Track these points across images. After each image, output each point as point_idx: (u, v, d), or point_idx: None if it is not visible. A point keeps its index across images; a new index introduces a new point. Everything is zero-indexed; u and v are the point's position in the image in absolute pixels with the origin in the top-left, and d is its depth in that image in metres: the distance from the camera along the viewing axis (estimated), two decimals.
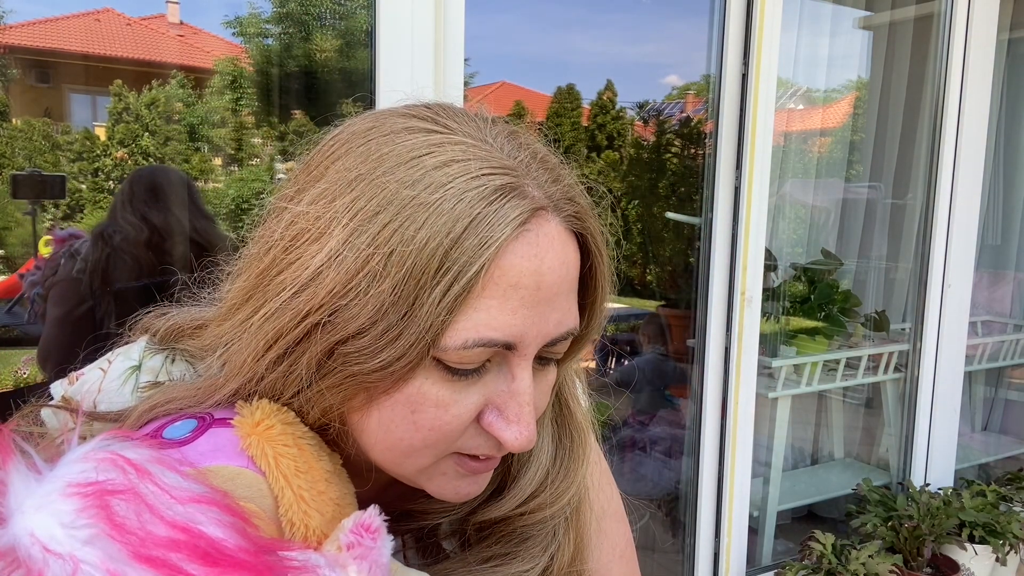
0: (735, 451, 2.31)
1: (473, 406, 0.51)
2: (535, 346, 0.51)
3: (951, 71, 2.70)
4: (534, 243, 0.49)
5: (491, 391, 0.51)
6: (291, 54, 3.74)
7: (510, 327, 0.48)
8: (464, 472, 0.54)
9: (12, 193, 2.40)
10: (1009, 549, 2.51)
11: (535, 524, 0.61)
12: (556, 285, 0.50)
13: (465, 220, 0.46)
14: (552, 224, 0.50)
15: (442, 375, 0.49)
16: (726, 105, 2.20)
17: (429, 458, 0.52)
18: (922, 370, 2.83)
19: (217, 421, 0.50)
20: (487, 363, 0.50)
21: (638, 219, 5.22)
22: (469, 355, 0.48)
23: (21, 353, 2.77)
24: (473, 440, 0.52)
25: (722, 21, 2.19)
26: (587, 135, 8.28)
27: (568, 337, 0.53)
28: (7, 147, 3.05)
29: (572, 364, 0.61)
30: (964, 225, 2.80)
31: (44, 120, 3.23)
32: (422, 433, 0.50)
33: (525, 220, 0.48)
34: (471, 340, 0.48)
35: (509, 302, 0.48)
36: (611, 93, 8.26)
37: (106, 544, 0.36)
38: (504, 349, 0.49)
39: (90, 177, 3.41)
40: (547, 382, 0.56)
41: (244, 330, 0.51)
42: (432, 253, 0.45)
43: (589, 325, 0.57)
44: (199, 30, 3.43)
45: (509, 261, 0.48)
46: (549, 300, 0.50)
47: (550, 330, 0.51)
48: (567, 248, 0.51)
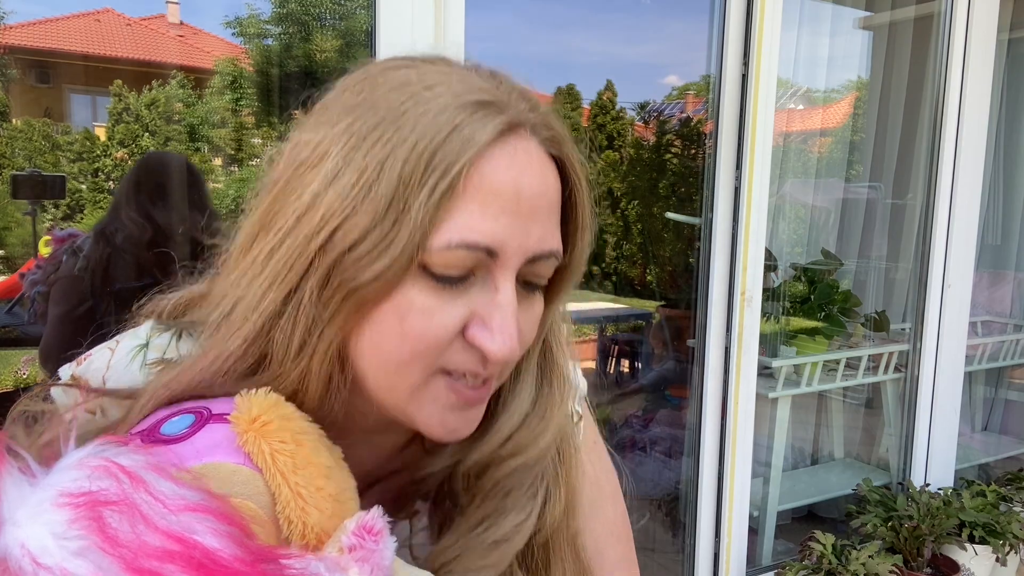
0: (735, 451, 2.32)
1: (458, 317, 0.53)
2: (517, 258, 0.53)
3: (951, 71, 2.70)
4: (512, 155, 0.52)
5: (476, 304, 0.53)
6: (291, 54, 3.74)
7: (491, 232, 0.51)
8: (454, 400, 0.55)
9: (12, 193, 2.40)
10: (1009, 549, 2.51)
11: (517, 472, 0.61)
12: (536, 199, 0.53)
13: (448, 127, 0.50)
14: (531, 143, 0.54)
15: (429, 284, 0.52)
16: (726, 105, 2.20)
17: (418, 373, 0.54)
18: (922, 370, 2.83)
19: (214, 416, 0.50)
20: (472, 276, 0.53)
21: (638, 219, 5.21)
22: (453, 257, 0.51)
23: (21, 353, 2.77)
24: (459, 355, 0.54)
25: (722, 21, 2.19)
26: (587, 135, 8.28)
27: (550, 259, 0.55)
28: (7, 147, 3.06)
29: (560, 307, 0.63)
30: (964, 225, 2.80)
31: (44, 120, 3.23)
32: (410, 342, 0.52)
33: (504, 131, 0.52)
34: (455, 241, 0.50)
35: (490, 208, 0.51)
36: (611, 93, 8.27)
37: (97, 557, 0.35)
38: (487, 256, 0.52)
39: (90, 177, 3.41)
40: (534, 312, 0.58)
41: (249, 273, 0.54)
42: (419, 157, 0.50)
43: (572, 255, 0.59)
44: (199, 30, 3.43)
45: (489, 167, 0.51)
46: (530, 213, 0.53)
47: (531, 244, 0.53)
48: (545, 168, 0.55)
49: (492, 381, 0.57)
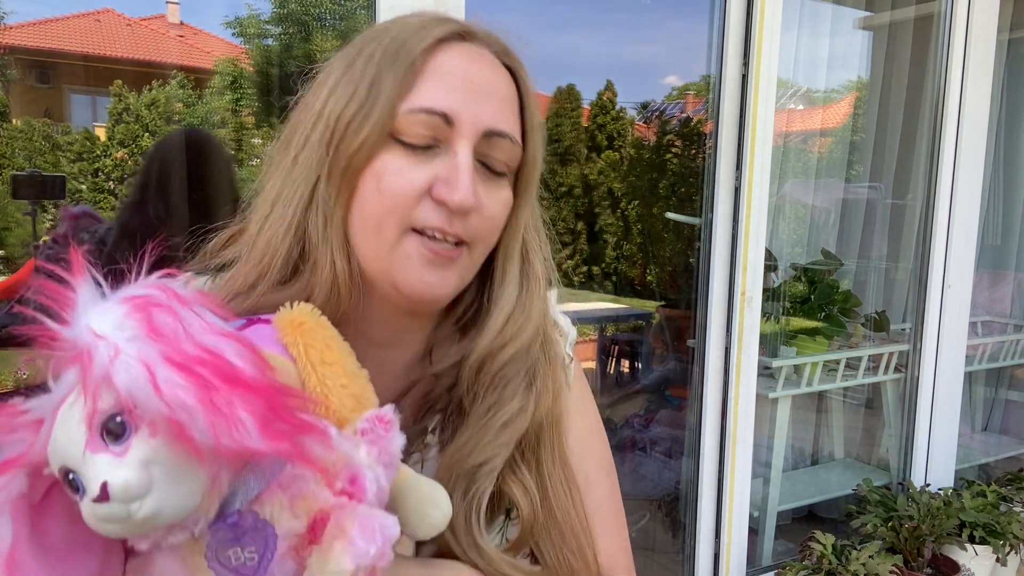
0: (735, 451, 2.31)
1: (424, 177, 0.64)
2: (471, 127, 0.65)
3: (951, 71, 2.70)
4: (465, 50, 0.67)
5: (439, 169, 0.65)
6: (291, 54, 3.74)
7: (446, 101, 0.64)
8: (426, 255, 0.65)
9: (12, 193, 2.40)
10: (1009, 549, 2.51)
11: (511, 362, 0.71)
12: (486, 85, 0.67)
13: (413, 30, 0.67)
14: (483, 49, 0.69)
15: (399, 151, 0.65)
16: (726, 105, 2.20)
17: (392, 230, 0.65)
18: (922, 370, 2.82)
19: (260, 320, 0.59)
20: (436, 147, 0.65)
21: (638, 219, 5.21)
22: (416, 120, 0.64)
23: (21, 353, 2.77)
24: (427, 213, 0.65)
25: (722, 21, 2.19)
26: (587, 135, 8.28)
27: (506, 140, 0.67)
28: (7, 147, 3.06)
29: (531, 206, 0.74)
30: (964, 225, 2.80)
31: (44, 120, 3.23)
32: (385, 199, 0.64)
33: (459, 34, 0.68)
34: (416, 107, 0.64)
35: (443, 83, 0.65)
36: (611, 93, 8.26)
37: (144, 344, 0.43)
38: (444, 123, 0.64)
39: (90, 177, 3.41)
40: (500, 197, 0.69)
41: (282, 179, 0.69)
42: (389, 48, 0.66)
43: (528, 150, 0.70)
44: (199, 30, 3.43)
45: (444, 55, 0.66)
46: (481, 93, 0.66)
47: (485, 119, 0.65)
48: (496, 67, 0.69)
49: (463, 249, 0.67)
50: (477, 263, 0.70)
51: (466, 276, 0.70)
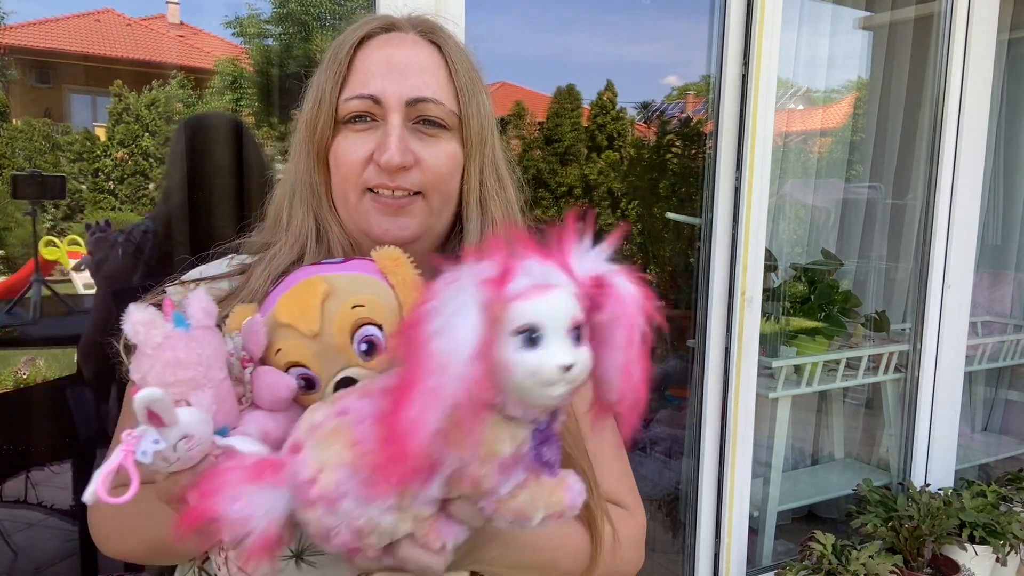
0: (735, 451, 2.31)
1: (366, 148, 0.80)
2: (397, 99, 0.79)
3: (951, 71, 2.70)
4: (385, 41, 0.83)
5: (378, 139, 0.79)
6: (291, 54, 3.74)
7: (371, 85, 0.80)
8: (380, 208, 0.80)
9: (12, 193, 2.40)
10: (1009, 550, 2.51)
11: None
12: (407, 61, 0.81)
13: (348, 33, 0.84)
14: (406, 34, 0.84)
15: (348, 132, 0.81)
16: (726, 105, 2.20)
17: (353, 193, 0.81)
18: (922, 370, 2.82)
19: (357, 257, 0.73)
20: (374, 123, 0.80)
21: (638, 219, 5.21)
22: (352, 106, 0.80)
23: (21, 353, 2.77)
24: (371, 175, 0.80)
25: (722, 21, 2.19)
26: (587, 135, 8.27)
27: (431, 102, 0.80)
28: (7, 147, 3.05)
29: (482, 155, 0.84)
30: (964, 225, 2.80)
31: (44, 120, 3.23)
32: (342, 170, 0.81)
33: (382, 28, 0.83)
34: (350, 95, 0.81)
35: (369, 72, 0.81)
36: (611, 93, 8.25)
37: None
38: (374, 103, 0.79)
39: (90, 177, 3.41)
40: (441, 150, 0.81)
41: (293, 167, 0.86)
42: (331, 53, 0.84)
43: (463, 107, 0.82)
44: (199, 30, 3.42)
45: (368, 50, 0.82)
46: (403, 70, 0.80)
47: (406, 91, 0.79)
48: (418, 45, 0.83)
49: (416, 199, 0.80)
50: (438, 209, 0.83)
51: (427, 221, 0.82)
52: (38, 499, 2.50)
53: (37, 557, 2.53)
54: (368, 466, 0.53)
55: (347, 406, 0.57)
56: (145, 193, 3.53)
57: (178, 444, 0.54)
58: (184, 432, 0.54)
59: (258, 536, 0.54)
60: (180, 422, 0.54)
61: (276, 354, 0.64)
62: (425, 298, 0.52)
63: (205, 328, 0.60)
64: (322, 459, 0.55)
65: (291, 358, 0.64)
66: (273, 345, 0.64)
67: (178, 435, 0.53)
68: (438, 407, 0.49)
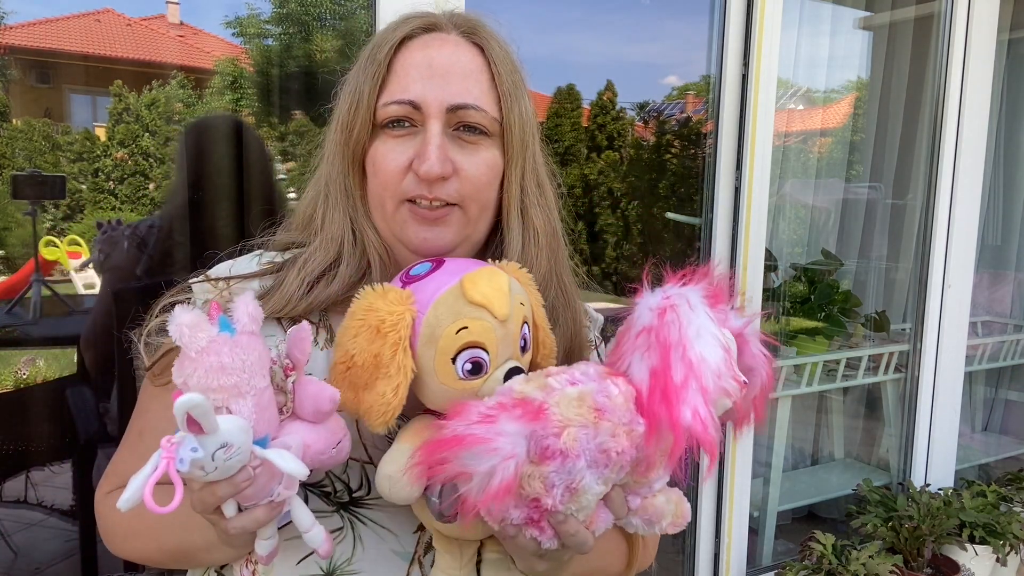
0: (735, 451, 2.31)
1: (405, 156, 0.77)
2: (437, 106, 0.76)
3: (951, 71, 2.70)
4: (426, 42, 0.79)
5: (417, 147, 0.76)
6: (291, 54, 3.74)
7: (411, 90, 0.76)
8: (418, 219, 0.78)
9: (12, 193, 2.40)
10: (1009, 549, 2.51)
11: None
12: (449, 66, 0.77)
13: (386, 33, 0.80)
14: (447, 35, 0.79)
15: (385, 137, 0.78)
16: (726, 105, 2.20)
17: (391, 203, 0.78)
18: (922, 370, 2.82)
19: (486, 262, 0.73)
20: (413, 129, 0.77)
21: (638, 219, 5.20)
22: (391, 111, 0.77)
23: (21, 353, 2.77)
24: (411, 185, 0.77)
25: (722, 21, 2.19)
26: (587, 135, 8.26)
27: (473, 109, 0.76)
28: (7, 147, 3.05)
29: (521, 163, 0.81)
30: (964, 225, 2.80)
31: (44, 120, 3.23)
32: (380, 178, 0.78)
33: (422, 29, 0.79)
34: (389, 100, 0.77)
35: (409, 76, 0.77)
36: (611, 93, 8.25)
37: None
38: (414, 109, 0.76)
39: (90, 177, 3.41)
40: (480, 156, 0.78)
41: (325, 166, 0.84)
42: (368, 54, 0.80)
43: (505, 114, 0.79)
44: (199, 30, 3.42)
45: (408, 51, 0.78)
46: (444, 75, 0.77)
47: (448, 96, 0.76)
48: (459, 48, 0.79)
49: (453, 209, 0.78)
50: (476, 219, 0.80)
51: (465, 231, 0.80)
52: (38, 499, 2.50)
53: (37, 557, 2.53)
54: (611, 433, 0.59)
55: (575, 378, 0.61)
56: (145, 193, 3.53)
57: (216, 453, 0.53)
58: (223, 441, 0.53)
59: (500, 480, 0.56)
60: (220, 430, 0.53)
61: (459, 332, 0.64)
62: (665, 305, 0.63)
63: (250, 334, 0.59)
64: (568, 417, 0.58)
65: (475, 339, 0.65)
66: (455, 323, 0.64)
67: (217, 444, 0.53)
68: (705, 402, 0.60)
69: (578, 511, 0.61)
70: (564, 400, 0.59)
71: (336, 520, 0.75)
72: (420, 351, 0.65)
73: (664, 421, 0.59)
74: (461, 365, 0.65)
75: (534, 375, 0.64)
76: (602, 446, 0.58)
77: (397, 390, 0.63)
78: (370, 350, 0.63)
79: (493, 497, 0.56)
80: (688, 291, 0.65)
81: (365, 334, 0.64)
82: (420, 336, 0.65)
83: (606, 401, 0.59)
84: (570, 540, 0.63)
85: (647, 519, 0.68)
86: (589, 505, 0.61)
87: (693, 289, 0.65)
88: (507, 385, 0.63)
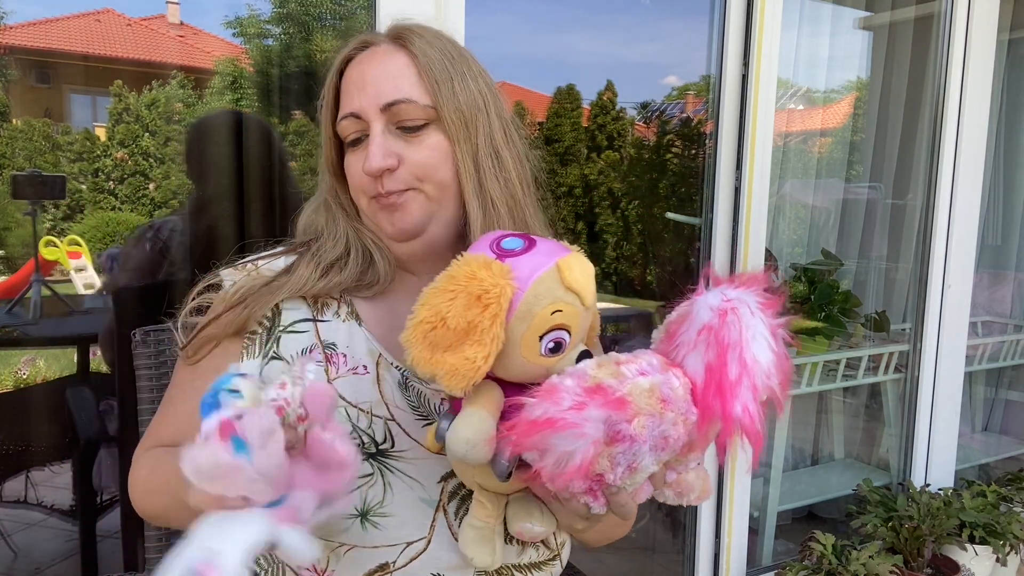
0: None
1: (361, 163, 0.87)
2: (373, 109, 0.85)
3: (951, 71, 2.70)
4: (360, 60, 0.89)
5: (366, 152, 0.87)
6: (291, 54, 3.74)
7: (352, 104, 0.87)
8: (380, 207, 0.88)
9: (12, 193, 2.40)
10: (1009, 550, 2.51)
11: None
12: (378, 73, 0.87)
13: (336, 57, 0.92)
14: (379, 47, 0.89)
15: (351, 149, 0.90)
16: (726, 105, 2.20)
17: (363, 200, 0.90)
18: (922, 370, 2.82)
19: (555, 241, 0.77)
20: (365, 139, 0.87)
21: (638, 219, 5.20)
22: (344, 126, 0.88)
23: (21, 353, 2.77)
24: (369, 184, 0.87)
25: (722, 21, 2.19)
26: (587, 135, 8.27)
27: (404, 103, 0.85)
28: (7, 147, 3.05)
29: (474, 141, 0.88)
30: (964, 225, 2.80)
31: (44, 120, 3.23)
32: (352, 183, 0.91)
33: (357, 49, 0.90)
34: (339, 117, 0.89)
35: (350, 93, 0.88)
36: (611, 93, 8.25)
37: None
38: (359, 119, 0.87)
39: (90, 177, 3.41)
40: (425, 145, 0.86)
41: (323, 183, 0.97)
42: (326, 77, 0.92)
43: (439, 99, 0.86)
44: (199, 31, 3.42)
45: (347, 72, 0.90)
46: (374, 82, 0.86)
47: (381, 98, 0.85)
48: (388, 54, 0.88)
49: (409, 192, 0.87)
50: (437, 197, 0.88)
51: (429, 208, 0.88)
52: (38, 499, 2.50)
53: (37, 557, 2.53)
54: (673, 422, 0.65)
55: (643, 368, 0.66)
56: (145, 193, 3.53)
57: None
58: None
59: (580, 459, 0.62)
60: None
61: (553, 314, 0.69)
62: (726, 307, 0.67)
63: (265, 451, 0.57)
64: (639, 406, 0.63)
65: (565, 321, 0.70)
66: (551, 304, 0.69)
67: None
68: (755, 398, 0.68)
69: (630, 485, 0.68)
70: (637, 390, 0.64)
71: (367, 467, 0.83)
72: (513, 324, 0.69)
73: (716, 413, 0.67)
74: (546, 343, 0.70)
75: (604, 360, 0.67)
76: (664, 433, 0.65)
77: (488, 358, 0.67)
78: (466, 316, 0.66)
79: (572, 474, 0.63)
80: (747, 295, 0.70)
81: (463, 299, 0.67)
82: (516, 311, 0.69)
83: (670, 392, 0.65)
84: (618, 508, 0.71)
85: (679, 491, 0.82)
86: (641, 481, 0.68)
87: (750, 294, 0.70)
88: (581, 367, 0.67)
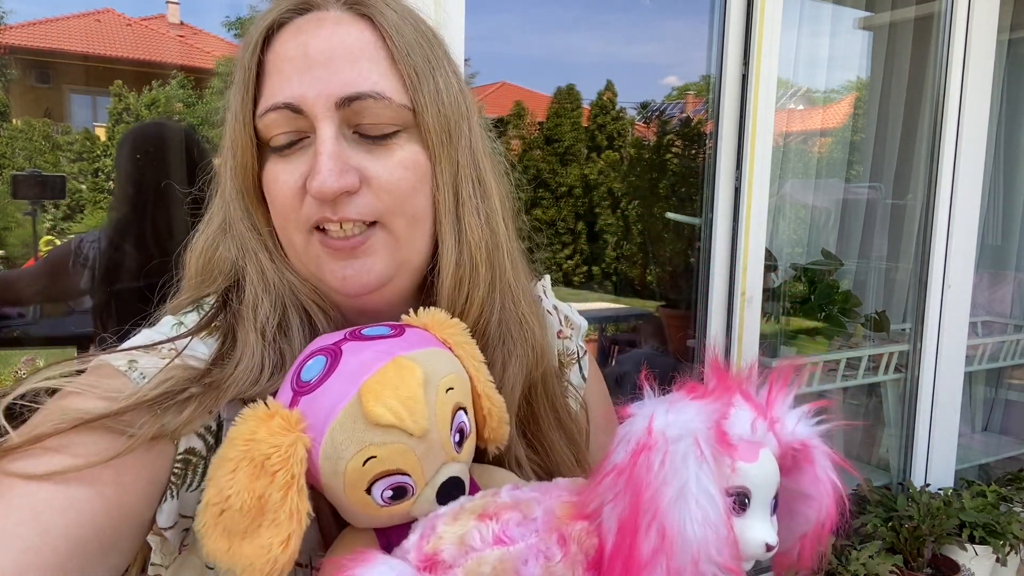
0: None
1: (297, 175, 0.61)
2: (323, 103, 0.59)
3: (951, 71, 2.70)
4: (299, 27, 0.61)
5: (309, 162, 0.61)
6: None
7: (287, 91, 0.60)
8: (331, 252, 0.62)
9: (12, 193, 2.40)
10: (1009, 550, 2.51)
11: (486, 328, 0.67)
12: (328, 52, 0.60)
13: (251, 28, 0.63)
14: (327, 12, 0.62)
15: (274, 158, 0.62)
16: (726, 105, 2.20)
17: (297, 236, 0.63)
18: (922, 370, 2.82)
19: (402, 325, 0.60)
20: (302, 141, 0.61)
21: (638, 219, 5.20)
22: (269, 122, 0.61)
23: (21, 353, 2.77)
24: (311, 209, 0.61)
25: (722, 21, 2.19)
26: (587, 135, 8.27)
27: (370, 99, 0.60)
28: (7, 147, 3.05)
29: (448, 159, 0.64)
30: (964, 225, 2.80)
31: (44, 120, 3.23)
32: (276, 208, 0.63)
33: (292, 12, 0.62)
34: (264, 108, 0.61)
35: (284, 73, 0.60)
36: (611, 93, 8.25)
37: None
38: (295, 114, 0.60)
39: (90, 177, 3.41)
40: (397, 159, 0.62)
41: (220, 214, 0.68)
42: (236, 60, 0.64)
43: (417, 98, 0.62)
44: (199, 30, 3.42)
45: (277, 45, 0.62)
46: (324, 64, 0.60)
47: (335, 89, 0.59)
48: (343, 24, 0.61)
49: (374, 230, 0.62)
50: (407, 238, 0.63)
51: (397, 256, 0.63)
52: None
53: None
54: None
55: (506, 532, 0.49)
56: None
57: None
58: None
59: None
60: None
61: (365, 464, 0.51)
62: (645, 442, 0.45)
63: None
64: None
65: (389, 467, 0.52)
66: (359, 453, 0.51)
67: None
68: None
69: None
70: (474, 571, 0.47)
71: None
72: (325, 482, 0.53)
73: None
74: (379, 494, 0.52)
75: (470, 506, 0.52)
76: None
77: (287, 542, 0.49)
78: (253, 490, 0.49)
79: None
80: (694, 420, 0.48)
81: (246, 469, 0.49)
82: (321, 470, 0.52)
83: (534, 571, 0.47)
84: None
85: None
86: None
87: (700, 413, 0.48)
88: (430, 521, 0.52)
